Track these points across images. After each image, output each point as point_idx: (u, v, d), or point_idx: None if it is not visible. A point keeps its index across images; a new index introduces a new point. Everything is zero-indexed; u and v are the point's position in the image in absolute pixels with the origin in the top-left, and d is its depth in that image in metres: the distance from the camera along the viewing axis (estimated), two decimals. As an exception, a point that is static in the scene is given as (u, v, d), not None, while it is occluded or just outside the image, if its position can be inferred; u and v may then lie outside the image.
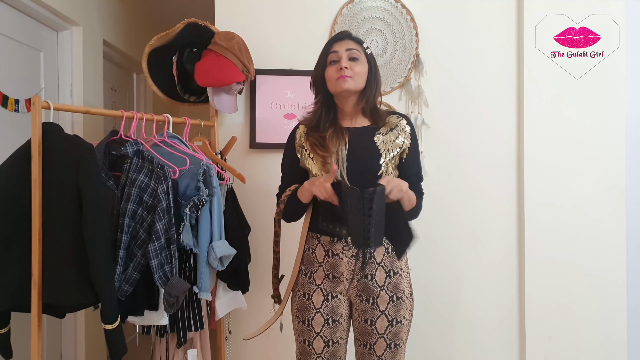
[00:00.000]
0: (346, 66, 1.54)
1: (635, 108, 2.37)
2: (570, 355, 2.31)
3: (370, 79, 1.60)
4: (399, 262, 1.59)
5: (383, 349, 1.55)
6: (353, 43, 1.59)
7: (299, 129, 1.68)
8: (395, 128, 1.61)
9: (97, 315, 1.59)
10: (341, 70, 1.54)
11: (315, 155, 1.58)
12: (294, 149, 1.66)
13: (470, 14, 2.35)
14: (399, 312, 1.56)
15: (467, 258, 2.36)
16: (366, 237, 1.37)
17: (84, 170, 1.52)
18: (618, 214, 2.29)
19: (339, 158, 1.53)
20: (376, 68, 1.63)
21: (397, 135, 1.59)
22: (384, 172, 1.55)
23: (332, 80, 1.57)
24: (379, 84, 1.63)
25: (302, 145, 1.63)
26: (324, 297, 1.57)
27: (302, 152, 1.63)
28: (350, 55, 1.56)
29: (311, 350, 1.58)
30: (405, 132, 1.61)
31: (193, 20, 2.17)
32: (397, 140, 1.59)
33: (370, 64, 1.61)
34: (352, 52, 1.57)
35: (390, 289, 1.55)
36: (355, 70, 1.55)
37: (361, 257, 1.53)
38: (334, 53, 1.57)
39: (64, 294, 1.53)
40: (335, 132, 1.58)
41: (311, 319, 1.57)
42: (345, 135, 1.57)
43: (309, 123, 1.64)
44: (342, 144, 1.55)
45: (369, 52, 1.61)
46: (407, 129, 1.62)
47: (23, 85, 2.18)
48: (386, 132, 1.59)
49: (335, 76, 1.56)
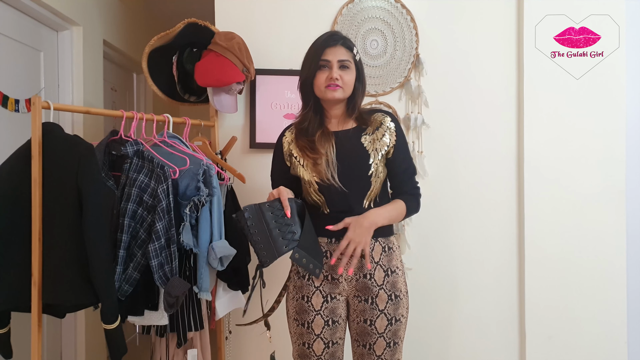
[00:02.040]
0: (337, 77, 1.54)
1: (635, 108, 2.37)
2: (570, 355, 2.31)
3: (357, 86, 1.60)
4: (395, 261, 1.59)
5: (383, 348, 1.55)
6: (344, 51, 1.56)
7: (285, 136, 1.68)
8: (381, 127, 1.61)
9: (97, 315, 1.59)
10: (332, 80, 1.54)
11: (305, 158, 1.58)
12: (282, 156, 1.67)
13: (470, 14, 2.34)
14: (397, 310, 1.56)
15: (467, 258, 2.36)
16: (259, 255, 1.43)
17: (84, 170, 1.52)
18: (618, 215, 2.29)
19: (328, 159, 1.55)
20: (363, 73, 1.63)
21: (383, 133, 1.60)
22: (374, 172, 1.56)
23: (321, 87, 1.56)
24: (364, 87, 1.64)
25: (291, 152, 1.64)
26: (324, 299, 1.57)
27: (292, 160, 1.64)
28: (341, 65, 1.56)
29: (311, 352, 1.57)
30: (390, 130, 1.61)
31: (193, 20, 2.17)
32: (384, 139, 1.60)
33: (358, 70, 1.60)
34: (344, 62, 1.55)
35: (388, 288, 1.56)
36: (345, 80, 1.56)
37: (257, 276, 1.51)
38: (325, 61, 1.56)
39: (64, 294, 1.53)
40: (323, 135, 1.59)
41: (311, 321, 1.57)
42: (332, 139, 1.58)
43: (298, 125, 1.64)
44: (330, 147, 1.56)
45: (358, 58, 1.60)
46: (391, 126, 1.62)
47: (23, 85, 2.18)
48: (372, 131, 1.60)
49: (324, 83, 1.56)
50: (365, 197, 1.57)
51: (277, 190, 1.52)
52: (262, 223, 1.43)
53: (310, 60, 1.58)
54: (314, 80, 1.57)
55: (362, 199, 1.57)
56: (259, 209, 1.44)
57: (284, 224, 1.46)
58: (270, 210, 1.46)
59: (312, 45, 1.60)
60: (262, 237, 1.42)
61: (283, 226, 1.45)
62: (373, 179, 1.57)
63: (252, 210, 1.43)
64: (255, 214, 1.43)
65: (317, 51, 1.57)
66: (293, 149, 1.63)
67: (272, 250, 1.43)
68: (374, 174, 1.56)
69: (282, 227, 1.45)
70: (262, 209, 1.44)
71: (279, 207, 1.47)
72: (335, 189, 1.54)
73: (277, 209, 1.47)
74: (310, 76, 1.58)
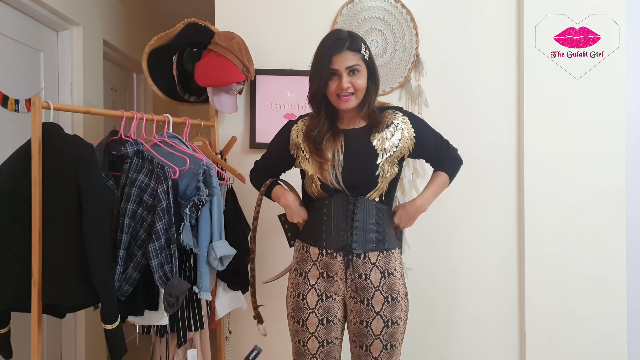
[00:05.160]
0: (348, 86, 1.50)
1: (635, 108, 2.37)
2: (570, 355, 2.31)
3: (369, 85, 1.56)
4: (393, 263, 1.58)
5: (379, 350, 1.55)
6: (352, 55, 1.50)
7: (297, 125, 1.67)
8: (391, 125, 1.60)
9: (97, 315, 1.59)
10: (342, 90, 1.50)
11: (312, 159, 1.57)
12: (288, 142, 1.66)
13: (470, 14, 2.34)
14: (394, 312, 1.55)
15: (467, 258, 2.36)
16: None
17: (84, 170, 1.52)
18: (618, 214, 2.29)
19: (335, 163, 1.54)
20: (375, 71, 1.57)
21: (392, 132, 1.59)
22: (381, 172, 1.55)
23: (333, 95, 1.54)
24: (377, 85, 1.60)
25: (299, 145, 1.63)
26: (318, 297, 1.57)
27: (298, 152, 1.63)
28: (350, 70, 1.50)
29: (306, 350, 1.58)
30: (405, 123, 1.61)
31: (193, 20, 2.17)
32: (393, 139, 1.58)
33: (369, 69, 1.55)
34: (353, 67, 1.50)
35: (385, 290, 1.55)
36: (357, 85, 1.51)
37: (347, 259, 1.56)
38: (334, 70, 1.50)
39: (64, 294, 1.53)
40: (331, 136, 1.57)
41: (305, 319, 1.57)
42: (341, 138, 1.57)
43: (308, 132, 1.60)
44: (339, 147, 1.55)
45: (367, 55, 1.53)
46: (405, 120, 1.61)
47: (23, 85, 2.18)
48: (382, 130, 1.59)
49: (335, 92, 1.52)
50: (369, 195, 1.56)
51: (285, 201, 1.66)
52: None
53: (319, 71, 1.52)
54: (325, 92, 1.54)
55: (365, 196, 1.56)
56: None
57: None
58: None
59: (317, 52, 1.54)
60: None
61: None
62: (380, 179, 1.55)
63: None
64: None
65: (323, 61, 1.50)
66: (301, 142, 1.62)
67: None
68: (381, 174, 1.55)
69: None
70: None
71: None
72: (338, 189, 1.54)
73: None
74: (321, 89, 1.53)
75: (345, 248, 1.53)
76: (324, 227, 1.56)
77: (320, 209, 1.58)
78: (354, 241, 1.53)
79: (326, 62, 1.50)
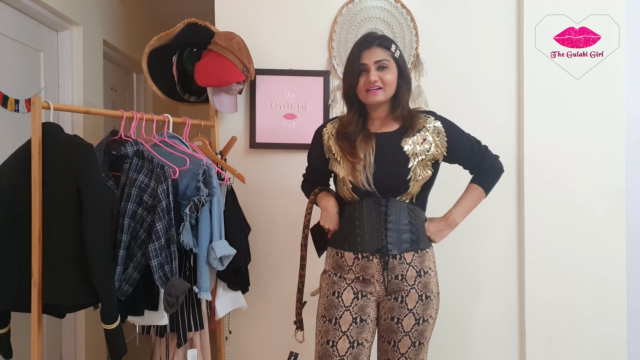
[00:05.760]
0: (375, 79, 1.52)
1: (635, 108, 2.37)
2: (570, 355, 2.31)
3: (400, 84, 1.58)
4: (428, 262, 1.59)
5: (407, 347, 1.56)
6: (381, 51, 1.55)
7: (326, 128, 1.67)
8: (422, 129, 1.60)
9: (97, 315, 1.59)
10: (370, 83, 1.52)
11: (344, 160, 1.58)
12: (322, 148, 1.66)
13: (470, 14, 2.34)
14: (426, 311, 1.57)
15: (467, 258, 2.36)
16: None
17: (84, 170, 1.52)
18: (618, 214, 2.29)
19: (366, 164, 1.54)
20: (406, 70, 1.60)
21: (424, 137, 1.59)
22: (412, 176, 1.55)
23: (362, 91, 1.56)
24: (409, 85, 1.62)
25: (330, 148, 1.63)
26: (354, 295, 1.57)
27: (330, 155, 1.64)
28: (379, 66, 1.54)
29: (334, 351, 1.54)
30: (437, 129, 1.60)
31: (193, 20, 2.17)
32: (425, 144, 1.58)
33: (400, 67, 1.57)
34: (381, 63, 1.54)
35: (420, 288, 1.56)
36: (385, 80, 1.53)
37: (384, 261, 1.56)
38: (363, 65, 1.54)
39: (64, 294, 1.53)
40: (363, 138, 1.58)
41: (339, 317, 1.56)
42: (372, 141, 1.57)
43: (341, 129, 1.61)
44: (370, 149, 1.55)
45: (397, 54, 1.57)
46: (437, 125, 1.61)
47: (23, 85, 2.18)
48: (414, 134, 1.59)
49: (364, 87, 1.54)
50: (400, 198, 1.56)
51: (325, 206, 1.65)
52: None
53: (350, 67, 1.57)
54: (357, 87, 1.56)
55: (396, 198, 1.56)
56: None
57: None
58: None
59: (350, 51, 1.59)
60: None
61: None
62: (411, 182, 1.55)
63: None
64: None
65: (354, 57, 1.56)
66: (332, 145, 1.63)
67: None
68: (413, 178, 1.55)
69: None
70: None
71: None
72: (369, 191, 1.54)
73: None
74: (354, 84, 1.56)
75: (381, 250, 1.53)
76: (357, 231, 1.56)
77: (352, 212, 1.58)
78: (389, 242, 1.53)
79: (356, 57, 1.55)
